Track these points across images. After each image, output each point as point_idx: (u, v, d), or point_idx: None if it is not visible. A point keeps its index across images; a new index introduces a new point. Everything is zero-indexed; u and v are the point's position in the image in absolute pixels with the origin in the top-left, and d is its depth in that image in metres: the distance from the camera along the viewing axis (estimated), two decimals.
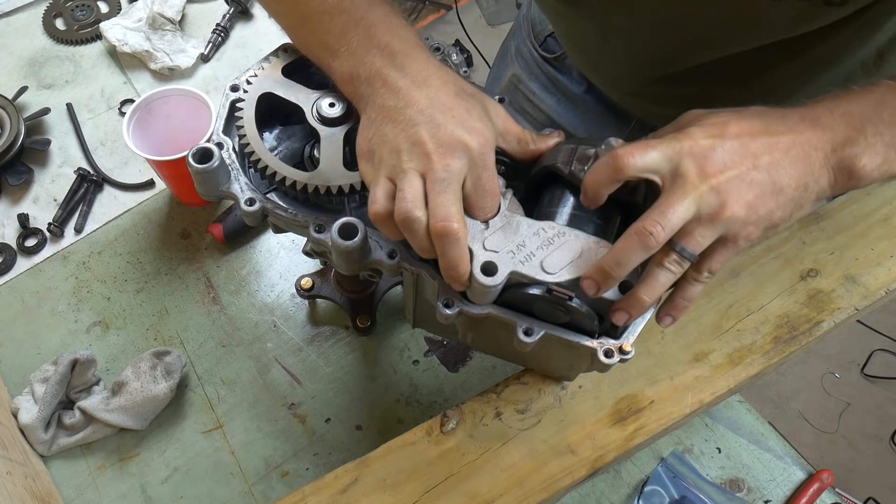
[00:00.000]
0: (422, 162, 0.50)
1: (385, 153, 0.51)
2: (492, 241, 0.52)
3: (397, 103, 0.52)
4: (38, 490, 0.75)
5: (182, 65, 1.11)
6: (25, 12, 1.20)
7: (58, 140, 1.05)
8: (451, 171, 0.50)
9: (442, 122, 0.51)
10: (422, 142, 0.50)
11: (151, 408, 0.82)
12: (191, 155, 0.56)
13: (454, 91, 0.53)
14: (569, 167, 0.55)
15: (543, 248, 0.52)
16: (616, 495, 0.82)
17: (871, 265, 0.74)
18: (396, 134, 0.51)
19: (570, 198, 0.56)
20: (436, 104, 0.52)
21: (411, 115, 0.51)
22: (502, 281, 0.51)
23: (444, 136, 0.50)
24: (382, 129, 0.52)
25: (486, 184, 0.52)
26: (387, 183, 0.51)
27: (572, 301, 0.51)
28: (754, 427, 0.86)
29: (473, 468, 0.64)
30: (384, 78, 0.53)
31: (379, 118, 0.52)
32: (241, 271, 0.95)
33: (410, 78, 0.53)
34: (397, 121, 0.51)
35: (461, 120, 0.51)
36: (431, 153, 0.50)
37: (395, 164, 0.51)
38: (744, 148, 0.49)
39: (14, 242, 0.96)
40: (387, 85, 0.53)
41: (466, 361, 0.88)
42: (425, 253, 0.52)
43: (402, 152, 0.51)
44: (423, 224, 0.49)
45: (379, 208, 0.51)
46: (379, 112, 0.53)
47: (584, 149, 0.56)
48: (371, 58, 0.54)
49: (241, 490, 0.80)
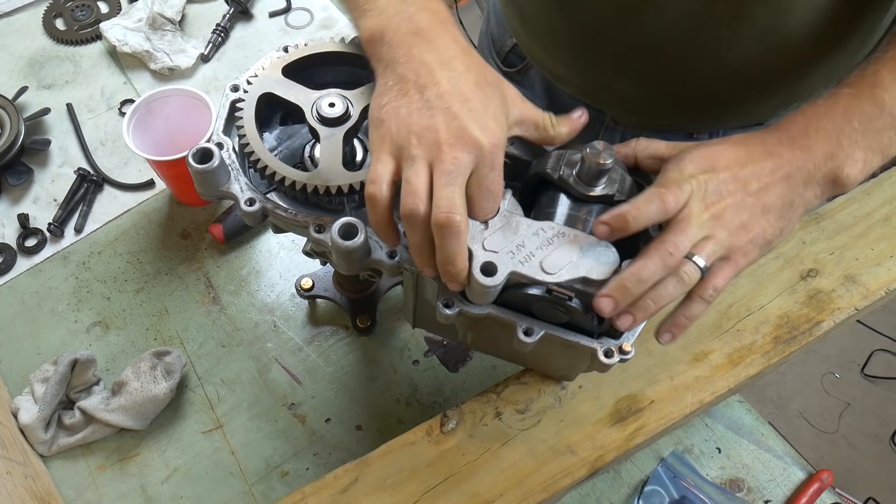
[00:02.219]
0: (431, 150, 0.50)
1: (395, 128, 0.51)
2: (491, 242, 0.52)
3: (418, 79, 0.51)
4: (38, 490, 0.75)
5: (182, 65, 1.11)
6: (25, 12, 1.20)
7: (58, 140, 1.06)
8: (460, 165, 0.49)
9: (458, 112, 0.50)
10: (435, 129, 0.50)
11: (151, 408, 0.82)
12: (191, 155, 0.56)
13: (475, 79, 0.53)
14: (558, 172, 0.56)
15: (543, 249, 0.52)
16: (616, 495, 0.82)
17: (871, 265, 0.74)
18: (410, 112, 0.51)
19: (566, 199, 0.56)
20: (455, 91, 0.51)
21: (429, 98, 0.51)
22: (502, 281, 0.51)
23: (458, 128, 0.50)
24: (397, 101, 0.51)
25: (490, 184, 0.52)
26: (390, 162, 0.51)
27: (572, 301, 0.52)
28: (754, 427, 0.86)
29: (473, 468, 0.64)
30: (409, 47, 0.52)
31: (396, 88, 0.52)
32: (241, 271, 0.95)
33: (436, 55, 0.52)
34: (414, 98, 0.51)
35: (477, 114, 0.51)
36: (442, 143, 0.49)
37: (404, 145, 0.50)
38: (735, 178, 0.53)
39: (14, 242, 0.96)
40: (410, 55, 0.52)
41: (466, 361, 0.88)
42: (419, 252, 0.51)
43: (412, 134, 0.50)
44: (426, 216, 0.49)
45: (376, 191, 0.50)
46: (397, 82, 0.52)
47: (571, 154, 0.57)
48: (398, 22, 0.53)
49: (241, 490, 0.80)
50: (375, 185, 0.50)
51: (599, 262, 0.52)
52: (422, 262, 0.52)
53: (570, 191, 0.56)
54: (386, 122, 0.51)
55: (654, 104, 0.81)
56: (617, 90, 0.81)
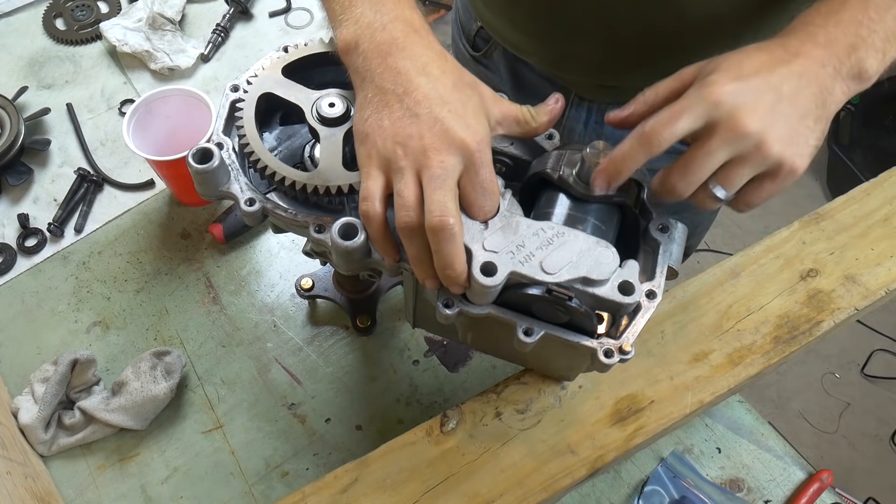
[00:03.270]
0: (417, 158, 0.50)
1: (380, 141, 0.51)
2: (491, 242, 0.52)
3: (396, 87, 0.52)
4: (38, 490, 0.75)
5: (182, 65, 1.11)
6: (25, 12, 1.20)
7: (58, 140, 1.06)
8: (447, 168, 0.50)
9: (439, 115, 0.50)
10: (419, 135, 0.50)
11: (151, 408, 0.82)
12: (191, 155, 0.56)
13: (452, 82, 0.53)
14: (557, 172, 0.56)
15: (543, 249, 0.52)
16: (616, 495, 0.82)
17: (871, 265, 0.74)
18: (393, 122, 0.51)
19: (565, 199, 0.56)
20: (434, 94, 0.51)
21: (409, 105, 0.51)
22: (502, 281, 0.51)
23: (441, 131, 0.50)
24: (379, 114, 0.52)
25: (484, 182, 0.52)
26: (380, 177, 0.51)
27: (572, 301, 0.51)
28: (754, 427, 0.86)
29: (473, 468, 0.64)
30: (383, 57, 0.52)
31: (376, 100, 0.52)
32: (241, 271, 0.95)
33: (411, 62, 0.52)
34: (394, 108, 0.51)
35: (458, 115, 0.51)
36: (428, 148, 0.50)
37: (391, 157, 0.51)
38: (766, 83, 0.51)
39: (14, 242, 0.96)
40: (385, 65, 0.52)
41: (466, 361, 0.88)
42: (419, 263, 0.52)
43: (397, 145, 0.50)
44: (420, 226, 0.50)
45: (369, 208, 0.51)
46: (377, 93, 0.52)
47: (571, 153, 0.57)
48: (372, 32, 0.53)
49: (241, 490, 0.80)
50: (368, 202, 0.51)
51: (599, 262, 0.52)
52: (423, 274, 0.53)
53: (570, 191, 0.56)
54: (370, 136, 0.52)
55: (616, 68, 0.80)
56: (578, 54, 0.81)
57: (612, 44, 0.77)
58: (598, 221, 0.56)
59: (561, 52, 0.83)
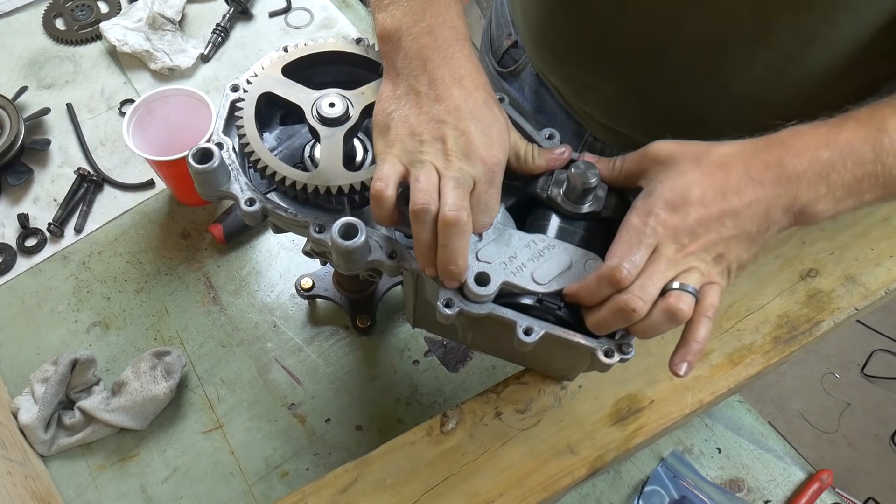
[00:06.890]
0: (439, 158, 0.51)
1: (403, 134, 0.52)
2: (485, 253, 0.55)
3: (430, 92, 0.53)
4: (38, 490, 0.75)
5: (182, 65, 1.11)
6: (25, 12, 1.20)
7: (58, 140, 1.06)
8: (465, 175, 0.51)
9: (466, 129, 0.52)
10: (444, 140, 0.52)
11: (151, 408, 0.82)
12: (191, 155, 0.56)
13: (483, 99, 0.54)
14: (546, 192, 0.58)
15: (534, 260, 0.55)
16: (616, 495, 0.82)
17: (871, 265, 0.74)
18: (420, 122, 0.52)
19: (555, 217, 0.58)
20: (465, 108, 0.53)
21: (439, 112, 0.52)
22: (495, 291, 0.53)
23: (465, 143, 0.52)
24: (406, 110, 0.53)
25: (488, 200, 0.54)
26: (397, 163, 0.52)
27: (561, 311, 0.54)
28: (754, 427, 0.86)
29: (473, 468, 0.64)
30: (424, 61, 0.53)
31: (405, 98, 0.53)
32: (241, 271, 0.95)
33: (450, 71, 0.53)
34: (424, 110, 0.52)
35: (485, 132, 0.53)
36: (451, 154, 0.51)
37: (413, 150, 0.52)
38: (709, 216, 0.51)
39: (14, 242, 0.96)
40: (425, 68, 0.53)
41: (466, 361, 0.88)
42: (424, 249, 0.52)
43: (423, 143, 0.52)
44: (434, 215, 0.50)
45: (383, 189, 0.51)
46: (408, 91, 0.53)
47: (558, 173, 0.59)
48: (418, 32, 0.54)
49: (241, 490, 0.80)
50: (382, 182, 0.51)
51: (588, 273, 0.54)
52: (424, 262, 0.53)
53: (559, 209, 0.58)
54: (393, 129, 0.53)
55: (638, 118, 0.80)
56: (604, 93, 0.80)
57: (642, 95, 0.76)
58: (587, 234, 0.58)
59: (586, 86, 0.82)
